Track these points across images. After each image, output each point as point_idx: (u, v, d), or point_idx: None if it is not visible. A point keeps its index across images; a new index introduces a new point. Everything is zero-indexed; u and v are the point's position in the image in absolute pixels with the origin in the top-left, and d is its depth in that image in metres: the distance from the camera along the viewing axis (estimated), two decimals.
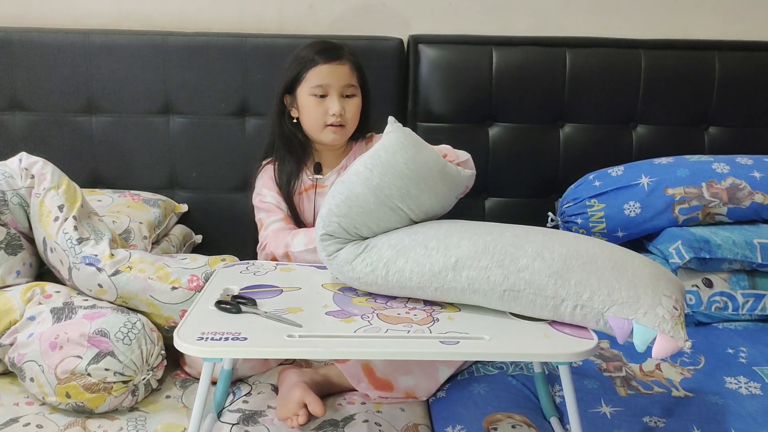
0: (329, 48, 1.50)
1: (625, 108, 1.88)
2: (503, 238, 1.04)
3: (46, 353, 1.20)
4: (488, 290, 1.00)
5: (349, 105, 1.50)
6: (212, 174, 1.85)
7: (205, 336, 0.95)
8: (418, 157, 1.14)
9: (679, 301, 0.98)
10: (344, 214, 1.10)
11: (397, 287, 1.06)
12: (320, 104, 1.48)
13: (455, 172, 1.20)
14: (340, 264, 1.09)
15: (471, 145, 1.84)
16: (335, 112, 1.47)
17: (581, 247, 1.02)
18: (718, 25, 1.98)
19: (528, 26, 1.94)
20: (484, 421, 1.20)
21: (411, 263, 1.04)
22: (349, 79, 1.49)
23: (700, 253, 1.54)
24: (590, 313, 0.96)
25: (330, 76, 1.47)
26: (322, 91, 1.47)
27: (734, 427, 1.18)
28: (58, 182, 1.35)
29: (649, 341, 0.94)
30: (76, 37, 1.78)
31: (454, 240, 1.05)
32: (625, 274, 0.98)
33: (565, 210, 1.74)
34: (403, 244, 1.07)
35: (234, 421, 1.21)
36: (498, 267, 1.00)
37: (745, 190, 1.63)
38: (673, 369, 1.37)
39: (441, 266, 1.03)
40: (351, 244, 1.11)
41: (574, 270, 0.99)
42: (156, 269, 1.30)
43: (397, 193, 1.11)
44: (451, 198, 1.22)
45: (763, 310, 1.56)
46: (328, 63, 1.47)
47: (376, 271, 1.06)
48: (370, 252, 1.08)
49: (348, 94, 1.50)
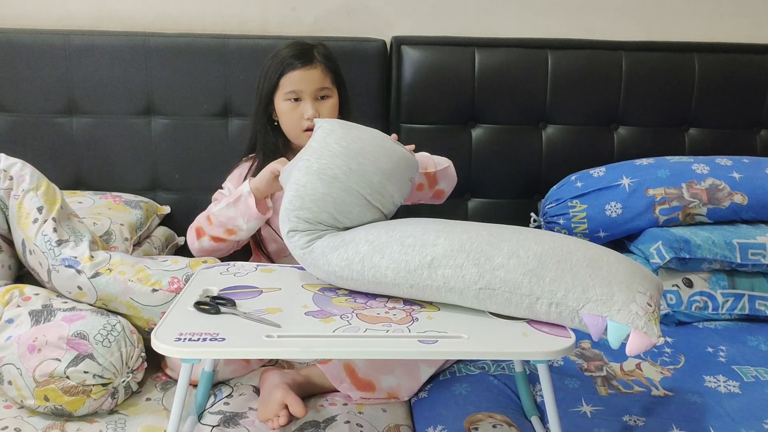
0: (300, 52, 1.50)
1: (607, 109, 1.90)
2: (479, 236, 1.04)
3: (24, 356, 1.19)
4: (464, 288, 1.01)
5: (323, 107, 1.50)
6: (195, 175, 1.85)
7: (183, 337, 0.94)
8: (347, 134, 1.16)
9: (654, 297, 0.99)
10: (299, 207, 1.11)
11: (372, 283, 1.06)
12: (295, 109, 1.49)
13: (398, 149, 1.20)
14: (315, 258, 1.09)
15: (454, 146, 1.86)
16: (309, 115, 1.47)
17: (556, 245, 1.03)
18: (698, 27, 1.99)
19: (510, 28, 1.94)
20: (465, 421, 1.20)
21: (387, 260, 1.04)
22: (322, 82, 1.50)
23: (681, 253, 1.55)
24: (565, 311, 0.97)
25: (302, 81, 1.48)
26: (296, 95, 1.49)
27: (713, 426, 1.19)
28: (38, 184, 1.34)
29: (622, 338, 0.94)
30: (56, 37, 1.76)
31: (431, 238, 1.05)
32: (600, 272, 0.99)
33: (547, 211, 1.75)
34: (380, 240, 1.07)
35: (215, 422, 1.20)
36: (473, 266, 1.01)
37: (724, 190, 1.64)
38: (653, 368, 1.38)
39: (417, 264, 1.03)
40: (328, 235, 1.11)
41: (549, 268, 0.99)
42: (136, 271, 1.29)
43: (340, 171, 1.12)
44: (404, 177, 1.21)
45: (743, 310, 1.58)
46: (298, 69, 1.48)
47: (351, 265, 1.06)
48: (347, 247, 1.08)
49: (322, 96, 1.51)
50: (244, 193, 1.43)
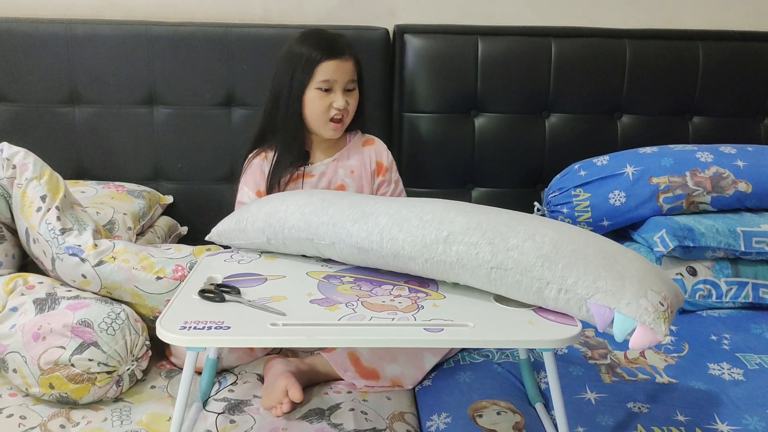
0: (333, 42, 1.48)
1: (610, 98, 1.89)
2: (499, 218, 1.05)
3: (29, 344, 1.19)
4: (476, 266, 1.01)
5: (350, 99, 1.50)
6: (198, 165, 1.84)
7: (188, 325, 0.94)
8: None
9: (668, 299, 0.97)
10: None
11: (390, 255, 1.07)
12: (324, 98, 1.47)
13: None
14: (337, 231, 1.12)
15: (456, 135, 1.86)
16: (339, 106, 1.47)
17: (574, 236, 1.03)
18: (702, 15, 1.99)
19: (513, 16, 1.94)
20: (469, 408, 1.20)
21: (404, 233, 1.05)
22: (352, 75, 1.49)
23: (684, 241, 1.55)
24: (573, 299, 0.96)
25: (336, 72, 1.46)
26: (328, 85, 1.47)
27: (717, 413, 1.19)
28: (41, 172, 1.34)
29: (628, 332, 0.93)
30: (58, 27, 1.76)
31: (450, 215, 1.06)
32: (615, 266, 0.98)
33: (551, 200, 1.75)
34: (400, 214, 1.08)
35: (219, 410, 1.21)
36: (488, 244, 1.01)
37: (728, 178, 1.64)
38: (657, 356, 1.38)
39: (433, 238, 1.03)
40: (346, 209, 1.14)
41: (563, 255, 0.99)
42: (140, 259, 1.29)
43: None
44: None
45: (747, 298, 1.58)
46: (334, 59, 1.46)
47: (371, 237, 1.07)
48: (367, 219, 1.09)
49: (350, 89, 1.50)
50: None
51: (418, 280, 1.11)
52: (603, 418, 1.18)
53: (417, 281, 1.11)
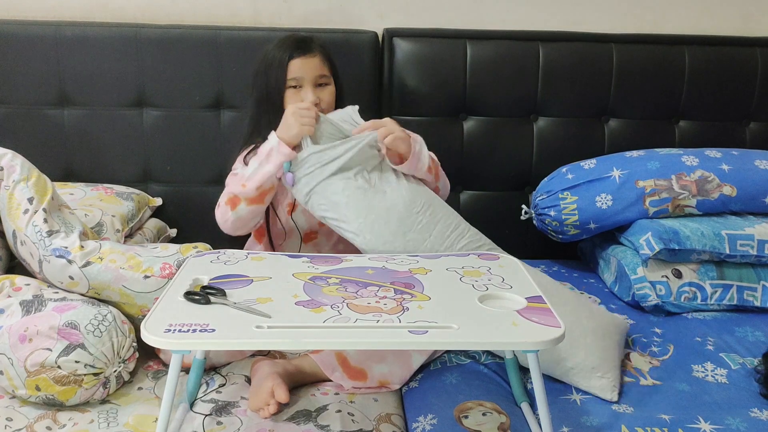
0: (299, 41, 1.54)
1: (598, 102, 1.90)
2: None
3: (16, 346, 1.19)
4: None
5: (323, 93, 1.53)
6: (187, 167, 1.85)
7: (173, 328, 0.94)
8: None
9: None
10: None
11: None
12: (296, 95, 1.52)
13: None
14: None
15: (445, 138, 1.86)
16: (309, 100, 1.50)
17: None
18: (688, 20, 2.00)
19: (502, 20, 1.95)
20: (455, 409, 1.21)
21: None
22: (321, 70, 1.53)
23: (670, 244, 1.57)
24: None
25: (303, 68, 1.51)
26: (296, 82, 1.51)
27: (701, 414, 1.20)
28: (28, 174, 1.34)
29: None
30: (47, 29, 1.75)
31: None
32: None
33: (538, 202, 1.76)
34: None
35: (207, 411, 1.21)
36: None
37: (713, 182, 1.65)
38: (642, 358, 1.39)
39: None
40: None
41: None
42: (127, 259, 1.29)
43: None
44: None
45: (731, 300, 1.59)
46: (300, 56, 1.51)
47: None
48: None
49: (321, 83, 1.53)
50: (274, 145, 1.40)
51: (404, 282, 1.12)
52: (588, 419, 1.19)
53: (403, 282, 1.12)
